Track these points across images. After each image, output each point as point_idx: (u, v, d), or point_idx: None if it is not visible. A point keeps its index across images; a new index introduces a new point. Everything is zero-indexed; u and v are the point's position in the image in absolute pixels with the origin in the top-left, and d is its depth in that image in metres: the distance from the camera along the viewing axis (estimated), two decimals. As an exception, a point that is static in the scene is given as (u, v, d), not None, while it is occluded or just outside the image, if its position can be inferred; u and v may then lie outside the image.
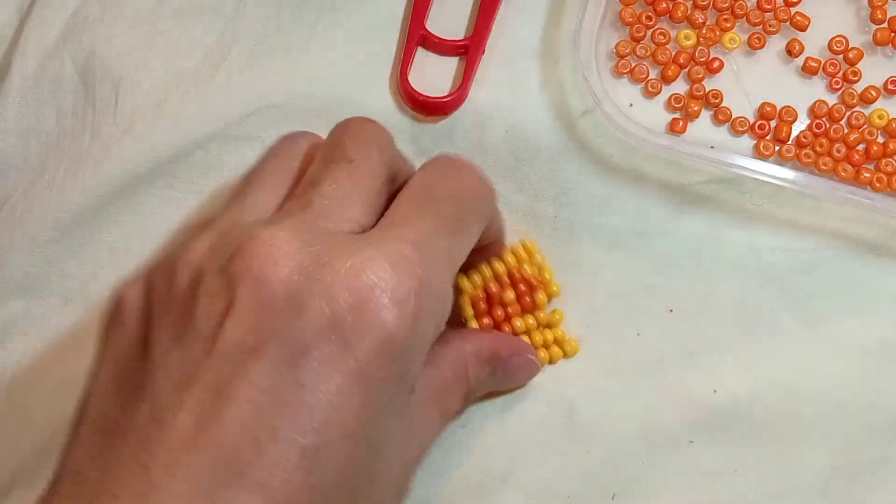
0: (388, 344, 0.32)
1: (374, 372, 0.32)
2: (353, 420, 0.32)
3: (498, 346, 0.42)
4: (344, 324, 0.32)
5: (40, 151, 0.49)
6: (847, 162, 0.47)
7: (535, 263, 0.44)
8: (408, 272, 0.33)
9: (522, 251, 0.44)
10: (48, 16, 0.49)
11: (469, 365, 0.40)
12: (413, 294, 0.33)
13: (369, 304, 0.32)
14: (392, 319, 0.32)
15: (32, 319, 0.47)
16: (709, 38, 0.48)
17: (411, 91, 0.47)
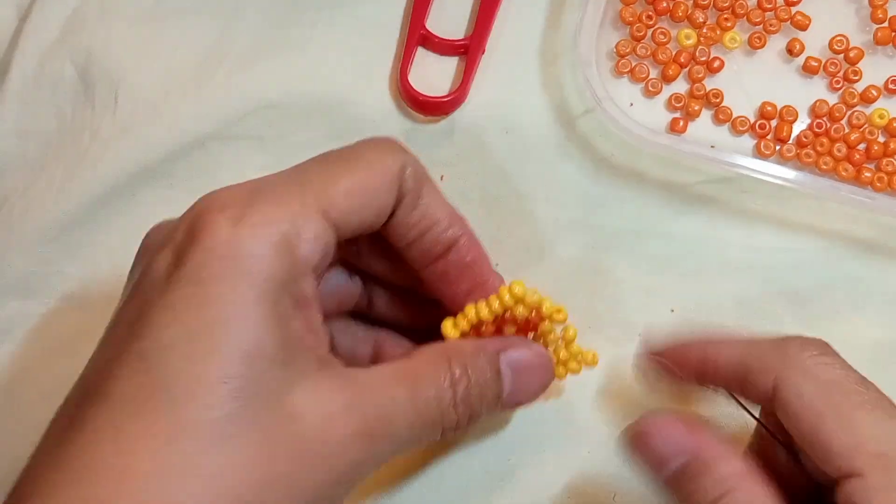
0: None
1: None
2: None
3: (499, 342, 0.39)
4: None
5: (39, 151, 0.49)
6: (848, 161, 0.47)
7: (528, 304, 0.39)
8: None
9: (508, 297, 0.38)
10: (47, 16, 0.49)
11: (454, 357, 0.36)
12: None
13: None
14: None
15: (32, 319, 0.47)
16: (709, 37, 0.48)
17: (411, 91, 0.47)
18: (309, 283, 0.32)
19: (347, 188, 0.34)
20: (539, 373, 0.39)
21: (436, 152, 0.48)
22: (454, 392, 0.35)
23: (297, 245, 0.32)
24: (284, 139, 0.48)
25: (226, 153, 0.48)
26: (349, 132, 0.48)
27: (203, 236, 0.31)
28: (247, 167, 0.48)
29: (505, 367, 0.37)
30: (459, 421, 0.36)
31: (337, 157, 0.35)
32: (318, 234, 0.32)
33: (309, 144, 0.48)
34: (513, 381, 0.38)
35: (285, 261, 0.31)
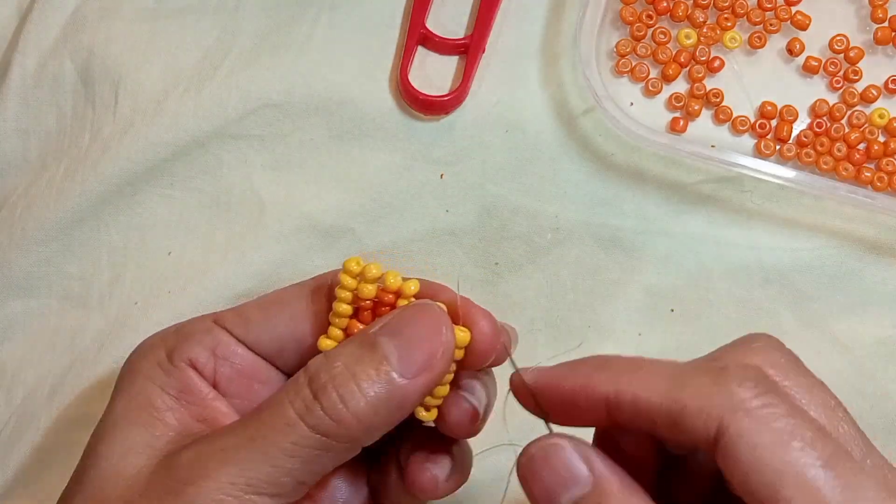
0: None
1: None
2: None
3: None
4: None
5: (40, 151, 0.49)
6: (848, 161, 0.47)
7: (369, 280, 0.34)
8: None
9: (348, 278, 0.34)
10: (48, 15, 0.49)
11: (309, 364, 0.33)
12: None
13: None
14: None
15: (32, 319, 0.47)
16: (709, 37, 0.48)
17: (411, 89, 0.47)
18: (188, 377, 0.35)
19: (260, 301, 0.37)
20: (429, 323, 0.33)
21: (436, 151, 0.48)
22: (310, 386, 0.32)
23: (172, 348, 0.36)
24: (285, 138, 0.48)
25: (226, 152, 0.48)
26: (349, 131, 0.48)
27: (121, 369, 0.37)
28: (247, 166, 0.48)
29: (379, 336, 0.32)
30: (338, 419, 0.31)
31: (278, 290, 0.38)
32: (199, 337, 0.36)
33: (309, 143, 0.48)
34: (396, 341, 0.32)
35: (154, 363, 0.35)
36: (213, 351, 0.35)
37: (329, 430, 0.31)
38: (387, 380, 0.32)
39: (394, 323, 0.33)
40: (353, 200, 0.48)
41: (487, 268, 0.47)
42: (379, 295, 0.34)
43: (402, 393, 0.32)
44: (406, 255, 0.47)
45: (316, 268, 0.47)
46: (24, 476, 0.45)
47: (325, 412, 0.31)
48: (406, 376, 0.32)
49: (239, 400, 0.36)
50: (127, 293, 0.47)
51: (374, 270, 0.34)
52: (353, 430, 0.31)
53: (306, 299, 0.36)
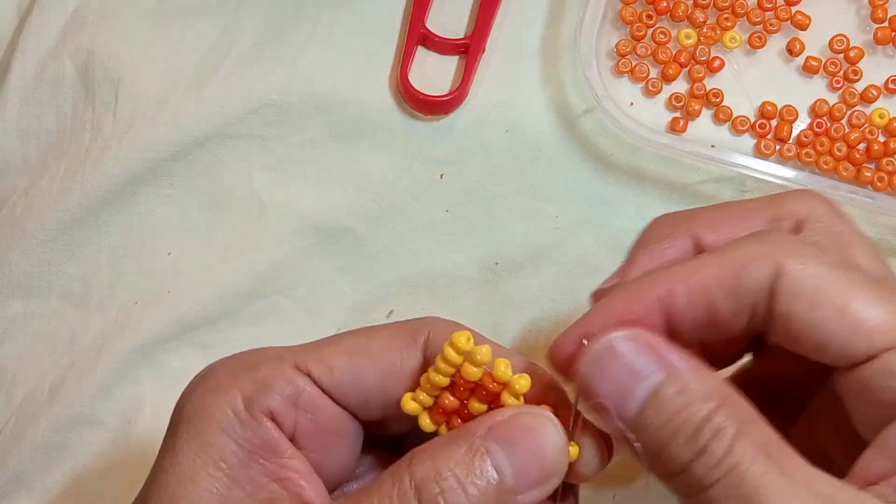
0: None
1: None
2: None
3: (482, 421, 0.31)
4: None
5: (40, 151, 0.49)
6: (848, 161, 0.47)
7: (476, 363, 0.31)
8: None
9: (453, 353, 0.32)
10: (48, 16, 0.49)
11: (415, 457, 0.30)
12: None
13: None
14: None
15: (32, 319, 0.47)
16: (709, 37, 0.48)
17: (411, 90, 0.47)
18: (266, 431, 0.31)
19: (344, 347, 0.33)
20: (545, 438, 0.31)
21: (436, 151, 0.48)
22: (417, 492, 0.29)
23: (251, 397, 0.31)
24: (285, 138, 0.48)
25: (226, 153, 0.48)
26: (350, 131, 0.48)
27: (179, 400, 0.33)
28: (248, 166, 0.48)
29: (491, 444, 0.30)
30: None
31: (358, 329, 0.34)
32: (281, 386, 0.32)
33: (310, 144, 0.48)
34: (510, 457, 0.30)
35: (229, 412, 0.31)
36: (296, 402, 0.32)
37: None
38: (498, 496, 0.30)
39: (508, 431, 0.30)
40: (353, 200, 0.48)
41: (487, 268, 0.47)
42: (483, 379, 0.32)
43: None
44: (406, 255, 0.47)
45: (316, 268, 0.47)
46: (25, 476, 0.45)
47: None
48: (519, 492, 0.30)
49: (315, 454, 0.33)
50: (127, 293, 0.47)
51: (483, 354, 0.31)
52: None
53: (398, 353, 0.33)
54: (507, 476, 0.30)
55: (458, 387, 0.32)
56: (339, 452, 0.34)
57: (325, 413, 0.32)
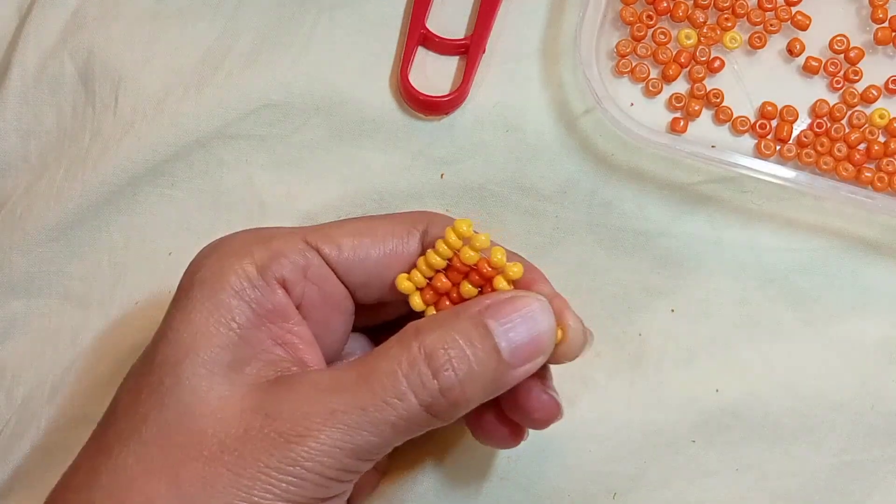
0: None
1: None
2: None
3: (478, 301, 0.34)
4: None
5: (40, 151, 0.49)
6: (848, 161, 0.47)
7: (475, 247, 0.35)
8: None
9: (454, 237, 0.35)
10: (48, 16, 0.49)
11: (423, 329, 0.33)
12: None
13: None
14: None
15: (32, 319, 0.47)
16: (710, 37, 0.48)
17: (412, 90, 0.47)
18: (277, 297, 0.34)
19: (349, 229, 0.36)
20: (538, 317, 0.34)
21: (436, 151, 0.48)
22: (428, 361, 0.32)
23: (264, 264, 0.34)
24: (285, 138, 0.48)
25: (227, 152, 0.48)
26: (350, 131, 0.48)
27: (190, 266, 0.35)
28: (248, 166, 0.48)
29: (493, 322, 0.33)
30: (445, 392, 0.33)
31: (359, 217, 0.38)
32: (293, 257, 0.35)
33: (310, 143, 0.48)
34: (507, 334, 0.34)
35: (243, 276, 0.34)
36: (305, 273, 0.34)
37: (440, 410, 0.33)
38: (497, 366, 0.33)
39: (505, 309, 0.34)
40: (353, 200, 0.48)
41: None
42: (479, 264, 0.35)
43: (506, 379, 0.34)
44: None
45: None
46: (25, 476, 0.45)
47: (441, 393, 0.32)
48: (514, 365, 0.34)
49: (315, 326, 0.35)
50: (127, 293, 0.47)
51: (482, 240, 0.35)
52: (461, 410, 0.33)
53: (400, 239, 0.36)
54: (504, 350, 0.33)
55: (453, 270, 0.35)
56: (335, 328, 0.36)
57: (330, 287, 0.35)
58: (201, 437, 0.32)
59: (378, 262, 0.36)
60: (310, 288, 0.35)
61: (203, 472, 0.31)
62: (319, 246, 0.35)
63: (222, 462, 0.31)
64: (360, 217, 0.37)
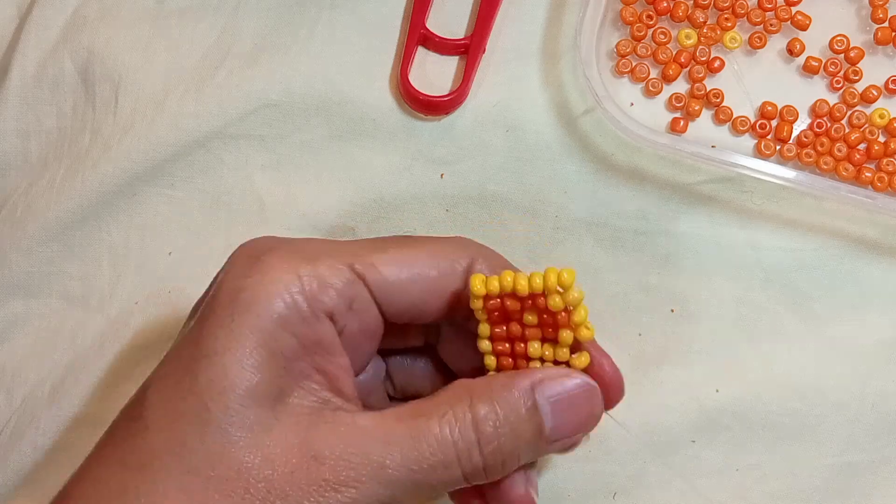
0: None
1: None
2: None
3: (532, 374, 0.35)
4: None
5: (40, 151, 0.49)
6: (848, 161, 0.47)
7: (566, 299, 0.34)
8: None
9: (553, 279, 0.34)
10: (48, 16, 0.49)
11: (477, 392, 0.34)
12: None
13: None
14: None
15: (32, 319, 0.47)
16: (710, 37, 0.48)
17: (411, 90, 0.47)
18: (324, 329, 0.33)
19: (394, 257, 0.35)
20: (585, 402, 0.35)
21: (436, 151, 0.48)
22: (477, 431, 0.33)
23: (313, 294, 0.33)
24: (286, 138, 0.48)
25: (227, 152, 0.48)
26: (350, 131, 0.48)
27: (223, 276, 0.34)
28: (248, 166, 0.48)
29: (542, 399, 0.34)
30: (488, 464, 0.33)
31: (399, 238, 0.37)
32: (341, 287, 0.33)
33: (310, 143, 0.48)
34: (554, 414, 0.34)
35: (292, 306, 0.32)
36: (351, 305, 0.34)
37: (477, 478, 0.34)
38: (538, 442, 0.34)
39: (556, 388, 0.34)
40: (353, 200, 0.48)
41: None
42: (559, 314, 0.35)
43: (541, 452, 0.35)
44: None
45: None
46: (25, 476, 0.45)
47: (485, 472, 0.34)
48: (552, 440, 0.35)
49: (350, 352, 0.35)
50: (127, 293, 0.47)
51: (576, 296, 0.34)
52: (494, 479, 0.34)
53: (443, 273, 0.35)
54: (548, 430, 0.34)
55: (522, 291, 0.34)
56: (364, 352, 0.36)
57: (369, 318, 0.35)
58: (248, 473, 0.31)
59: (419, 294, 0.35)
60: (352, 319, 0.34)
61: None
62: (365, 277, 0.34)
63: (264, 500, 0.31)
64: (402, 240, 0.36)
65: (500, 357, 0.36)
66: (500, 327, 0.36)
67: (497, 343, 0.36)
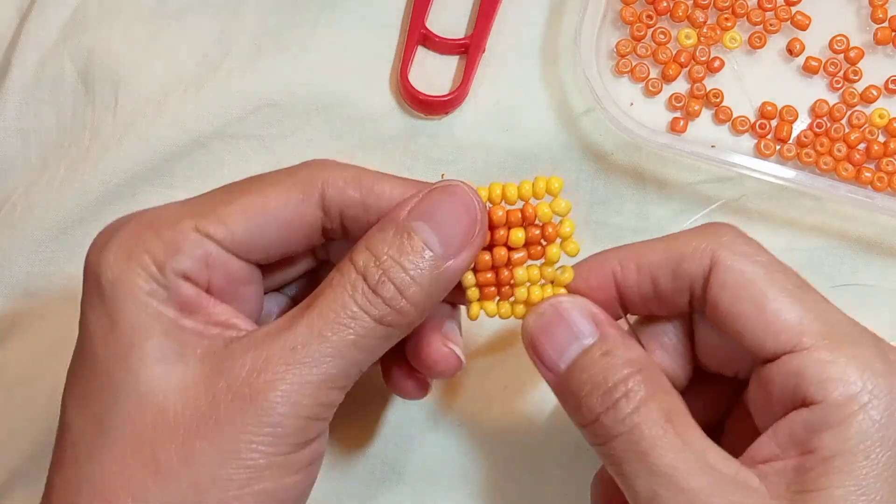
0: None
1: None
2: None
3: (407, 203, 0.35)
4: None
5: (40, 151, 0.49)
6: (848, 161, 0.47)
7: (556, 209, 0.36)
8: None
9: (543, 186, 0.35)
10: (48, 16, 0.49)
11: (355, 249, 0.34)
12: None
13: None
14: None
15: (32, 319, 0.47)
16: (709, 37, 0.48)
17: (411, 90, 0.47)
18: (186, 291, 0.34)
19: (240, 206, 0.35)
20: (463, 211, 0.34)
21: (436, 151, 0.48)
22: (367, 279, 0.33)
23: (163, 262, 0.33)
24: (285, 138, 0.48)
25: (227, 152, 0.48)
26: (350, 131, 0.48)
27: (85, 265, 0.34)
28: (247, 166, 0.48)
29: (413, 222, 0.34)
30: (392, 305, 0.33)
31: (248, 180, 0.36)
32: (189, 250, 0.34)
33: (310, 143, 0.48)
34: (434, 230, 0.34)
35: (147, 278, 0.33)
36: (206, 262, 0.34)
37: (392, 320, 0.33)
38: (432, 265, 0.33)
39: (425, 207, 0.34)
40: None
41: (487, 266, 0.47)
42: (545, 226, 0.36)
43: (448, 274, 0.34)
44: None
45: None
46: (24, 476, 0.45)
47: (386, 304, 0.33)
48: (449, 257, 0.34)
49: (231, 301, 0.35)
50: (127, 293, 0.47)
51: (564, 207, 0.36)
52: (412, 315, 0.34)
53: (296, 208, 0.35)
54: (436, 246, 0.34)
55: (512, 199, 0.35)
56: (248, 298, 0.36)
57: (232, 267, 0.35)
58: (171, 415, 0.32)
59: (276, 238, 0.35)
60: (214, 273, 0.35)
61: (182, 450, 0.31)
62: (211, 233, 0.34)
63: (199, 435, 0.31)
64: (249, 182, 0.36)
65: (483, 289, 0.36)
66: (484, 255, 0.36)
67: (480, 273, 0.36)
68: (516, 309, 0.36)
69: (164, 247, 0.34)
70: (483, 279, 0.36)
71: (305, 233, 0.36)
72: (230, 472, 0.31)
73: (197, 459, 0.31)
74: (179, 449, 0.31)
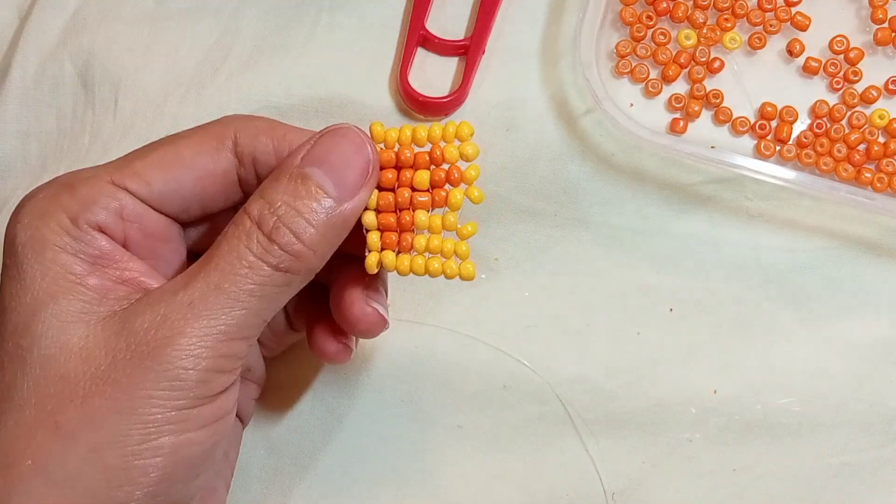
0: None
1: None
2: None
3: (299, 151, 0.35)
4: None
5: (40, 152, 0.49)
6: (848, 162, 0.47)
7: (464, 152, 0.35)
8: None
9: (453, 131, 0.35)
10: (48, 17, 0.49)
11: (251, 200, 0.34)
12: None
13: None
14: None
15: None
16: (709, 37, 0.48)
17: (411, 91, 0.47)
18: (100, 243, 0.34)
19: (156, 159, 0.35)
20: (355, 151, 0.35)
21: (436, 152, 0.48)
22: (261, 227, 0.33)
23: (76, 214, 0.34)
24: (285, 139, 0.48)
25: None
26: (350, 132, 0.48)
27: (7, 233, 0.34)
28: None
29: (306, 167, 0.34)
30: (289, 249, 0.33)
31: (165, 138, 0.37)
32: (103, 202, 0.34)
33: (309, 145, 0.48)
34: (328, 174, 0.34)
35: (60, 231, 0.33)
36: (121, 214, 0.35)
37: (290, 266, 0.33)
38: (328, 207, 0.34)
39: (317, 152, 0.34)
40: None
41: (486, 264, 0.47)
42: (451, 168, 0.35)
43: (344, 215, 0.34)
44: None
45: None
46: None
47: (283, 249, 0.33)
48: (344, 199, 0.34)
49: (149, 259, 0.36)
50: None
51: (471, 152, 0.35)
52: (310, 259, 0.34)
53: (210, 157, 0.36)
54: (329, 189, 0.34)
55: (422, 140, 0.35)
56: (168, 257, 0.37)
57: (149, 221, 0.35)
58: (72, 379, 0.32)
59: (193, 188, 0.36)
60: (130, 227, 0.35)
61: (82, 411, 0.31)
62: (127, 185, 0.35)
63: (100, 394, 0.31)
64: (164, 139, 0.36)
65: (384, 234, 0.36)
66: (387, 195, 0.36)
67: (382, 216, 0.36)
68: (415, 264, 0.36)
69: (78, 202, 0.34)
70: (385, 221, 0.36)
71: (221, 183, 0.36)
72: (129, 428, 0.31)
73: (96, 419, 0.31)
74: (79, 410, 0.31)
